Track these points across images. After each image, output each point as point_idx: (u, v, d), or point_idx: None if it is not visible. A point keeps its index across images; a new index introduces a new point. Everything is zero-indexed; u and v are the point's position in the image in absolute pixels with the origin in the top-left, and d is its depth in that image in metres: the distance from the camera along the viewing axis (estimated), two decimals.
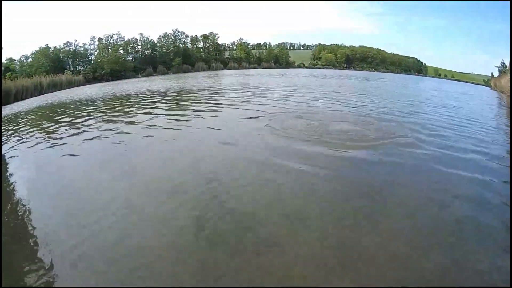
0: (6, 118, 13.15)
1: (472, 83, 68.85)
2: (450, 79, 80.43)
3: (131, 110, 12.36)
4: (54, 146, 7.39)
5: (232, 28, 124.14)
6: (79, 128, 9.32)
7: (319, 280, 2.63)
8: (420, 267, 2.77)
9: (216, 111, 11.04)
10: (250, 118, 9.23)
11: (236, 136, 7.20)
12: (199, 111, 11.18)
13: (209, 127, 8.33)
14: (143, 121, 9.62)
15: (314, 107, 11.34)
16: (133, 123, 9.60)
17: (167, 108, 12.48)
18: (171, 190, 4.46)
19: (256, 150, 6.07)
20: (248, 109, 10.98)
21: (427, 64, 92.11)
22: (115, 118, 10.57)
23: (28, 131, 9.47)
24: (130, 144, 7.08)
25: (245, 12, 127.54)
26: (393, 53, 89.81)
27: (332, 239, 3.22)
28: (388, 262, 2.83)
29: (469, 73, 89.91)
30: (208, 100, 14.00)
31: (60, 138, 8.10)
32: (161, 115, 10.63)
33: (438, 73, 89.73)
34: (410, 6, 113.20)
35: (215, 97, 15.25)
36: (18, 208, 4.13)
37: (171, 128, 8.52)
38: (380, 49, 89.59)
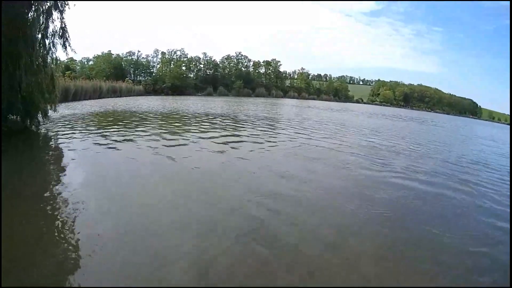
0: (65, 116, 12.91)
1: None
2: (504, 123, 74.40)
3: (191, 129, 11.39)
4: (109, 149, 7.35)
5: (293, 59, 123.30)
6: (135, 137, 8.92)
7: None
8: None
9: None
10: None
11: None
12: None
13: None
14: (201, 141, 8.94)
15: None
16: (188, 141, 8.81)
17: (219, 133, 10.91)
18: None
19: None
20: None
21: (482, 107, 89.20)
22: (171, 135, 9.84)
23: (87, 131, 9.40)
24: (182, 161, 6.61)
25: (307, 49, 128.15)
26: (450, 94, 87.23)
27: None
28: None
29: None
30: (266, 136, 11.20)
31: (118, 143, 8.01)
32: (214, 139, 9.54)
33: (492, 116, 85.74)
34: (467, 43, 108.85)
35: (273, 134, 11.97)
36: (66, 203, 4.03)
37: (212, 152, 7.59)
38: (437, 89, 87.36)
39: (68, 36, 9.71)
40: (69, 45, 9.73)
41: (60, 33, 9.50)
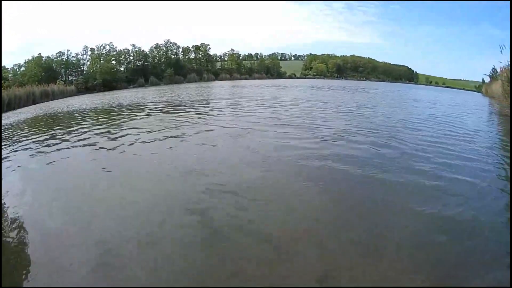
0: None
1: (463, 89, 69.11)
2: (441, 86, 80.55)
3: (121, 123, 12.17)
4: (46, 155, 7.52)
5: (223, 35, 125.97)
6: (70, 139, 9.30)
7: None
8: None
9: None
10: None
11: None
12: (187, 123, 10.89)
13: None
14: (134, 133, 9.58)
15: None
16: (123, 135, 9.42)
17: (152, 121, 12.17)
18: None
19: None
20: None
21: (418, 72, 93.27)
22: (104, 130, 10.63)
23: (20, 141, 9.56)
24: (118, 156, 7.16)
25: (237, 20, 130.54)
26: (384, 62, 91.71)
27: None
28: None
29: (460, 80, 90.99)
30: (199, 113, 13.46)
31: (52, 148, 8.23)
32: (146, 128, 10.32)
33: (429, 81, 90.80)
34: (402, 14, 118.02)
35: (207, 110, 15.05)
36: (14, 215, 4.25)
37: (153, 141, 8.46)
38: (371, 58, 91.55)
39: None
40: None
41: None
